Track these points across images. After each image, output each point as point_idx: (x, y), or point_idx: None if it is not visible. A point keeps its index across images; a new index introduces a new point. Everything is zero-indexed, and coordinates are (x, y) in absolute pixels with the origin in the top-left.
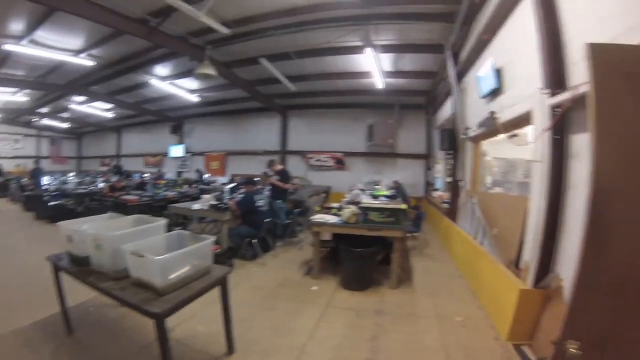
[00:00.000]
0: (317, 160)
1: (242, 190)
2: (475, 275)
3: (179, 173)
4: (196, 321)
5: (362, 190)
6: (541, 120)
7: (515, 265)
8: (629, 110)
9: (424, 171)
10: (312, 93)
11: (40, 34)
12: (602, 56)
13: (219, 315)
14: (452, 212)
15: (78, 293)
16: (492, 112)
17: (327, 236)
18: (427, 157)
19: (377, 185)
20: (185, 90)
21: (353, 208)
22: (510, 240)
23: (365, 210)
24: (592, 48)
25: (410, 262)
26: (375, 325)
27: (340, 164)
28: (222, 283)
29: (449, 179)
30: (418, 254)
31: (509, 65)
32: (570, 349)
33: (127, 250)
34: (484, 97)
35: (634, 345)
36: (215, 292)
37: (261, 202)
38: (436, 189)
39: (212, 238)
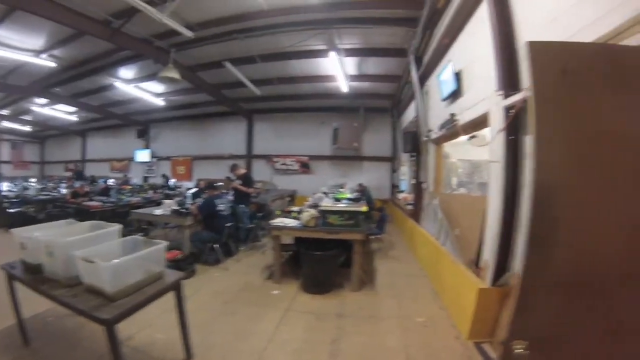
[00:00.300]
0: (283, 164)
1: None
2: (438, 275)
3: (146, 178)
4: (155, 329)
5: (325, 193)
6: (497, 122)
7: (475, 264)
8: (568, 106)
9: (390, 174)
10: (277, 97)
11: (0, 33)
12: (541, 54)
13: (177, 321)
14: (416, 214)
15: (37, 303)
16: (452, 114)
17: (289, 240)
18: (392, 160)
19: (342, 188)
20: (151, 93)
21: (312, 211)
22: (470, 240)
23: (325, 213)
24: (531, 46)
25: (373, 264)
26: (335, 328)
27: (305, 167)
28: (176, 288)
29: (414, 181)
30: (383, 255)
31: (468, 68)
32: (517, 349)
33: (78, 257)
34: (445, 99)
35: (581, 344)
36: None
37: (222, 206)
38: (401, 191)
39: (165, 243)
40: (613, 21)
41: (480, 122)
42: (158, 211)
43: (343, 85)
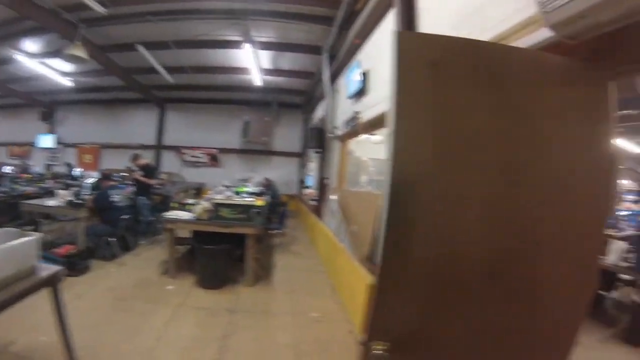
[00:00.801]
0: (192, 157)
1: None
2: (336, 271)
3: (49, 166)
4: (40, 331)
5: (227, 187)
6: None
7: (371, 261)
8: (431, 100)
9: (299, 169)
10: (190, 86)
11: None
12: (409, 45)
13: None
14: (318, 210)
15: None
16: (356, 112)
17: (186, 233)
18: (302, 156)
19: (247, 182)
20: (58, 72)
21: (205, 204)
22: (365, 236)
23: (217, 206)
24: (399, 36)
25: (273, 259)
26: (227, 324)
27: (214, 160)
28: (52, 284)
29: (319, 177)
30: (284, 250)
31: (374, 69)
32: (376, 350)
33: None
34: (351, 97)
35: (441, 344)
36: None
37: (117, 197)
38: (307, 187)
39: (37, 235)
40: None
41: (379, 122)
42: (52, 202)
43: (257, 79)
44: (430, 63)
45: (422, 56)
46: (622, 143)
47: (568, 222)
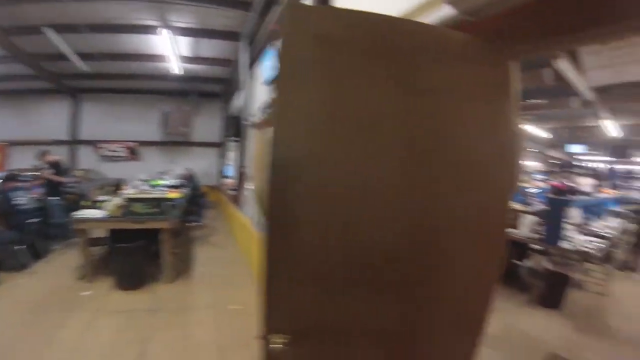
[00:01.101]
0: (110, 151)
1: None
2: (254, 260)
3: None
4: None
5: (144, 180)
6: None
7: None
8: (321, 75)
9: (219, 159)
10: (105, 75)
11: None
12: (297, 17)
13: None
14: (237, 199)
15: None
16: (272, 99)
17: (103, 233)
18: (221, 146)
19: (168, 175)
20: None
21: (117, 200)
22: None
23: (130, 201)
24: (289, 8)
25: (192, 252)
26: (147, 326)
27: (133, 154)
28: None
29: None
30: (203, 243)
31: None
32: (274, 344)
33: None
34: (267, 84)
35: (346, 333)
36: None
37: (22, 200)
38: (226, 177)
39: None
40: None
41: None
42: None
43: (175, 67)
44: (323, 37)
45: (313, 30)
46: (531, 129)
47: (473, 199)
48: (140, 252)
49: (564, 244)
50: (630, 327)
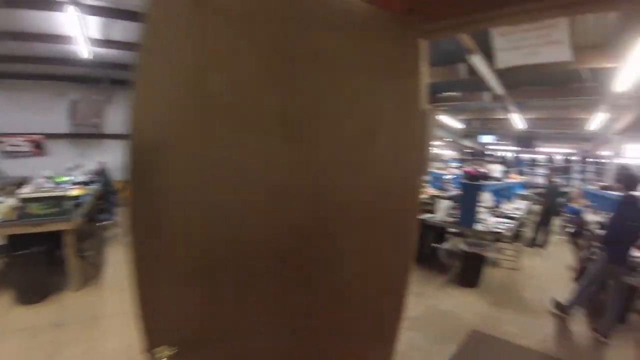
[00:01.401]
0: (12, 145)
1: None
2: None
3: None
4: None
5: (48, 178)
6: None
7: None
8: (189, 44)
9: None
10: (3, 57)
11: None
12: None
13: None
14: None
15: None
16: None
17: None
18: None
19: (77, 170)
20: None
21: (10, 201)
22: None
23: (25, 202)
24: None
25: (103, 254)
26: (52, 342)
27: (38, 148)
28: None
29: None
30: (117, 242)
31: None
32: (159, 357)
33: None
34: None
35: (236, 339)
36: None
37: None
38: None
39: None
40: None
41: None
42: None
43: (84, 51)
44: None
45: None
46: (446, 119)
47: (375, 182)
48: (41, 259)
49: (478, 226)
50: (542, 298)
